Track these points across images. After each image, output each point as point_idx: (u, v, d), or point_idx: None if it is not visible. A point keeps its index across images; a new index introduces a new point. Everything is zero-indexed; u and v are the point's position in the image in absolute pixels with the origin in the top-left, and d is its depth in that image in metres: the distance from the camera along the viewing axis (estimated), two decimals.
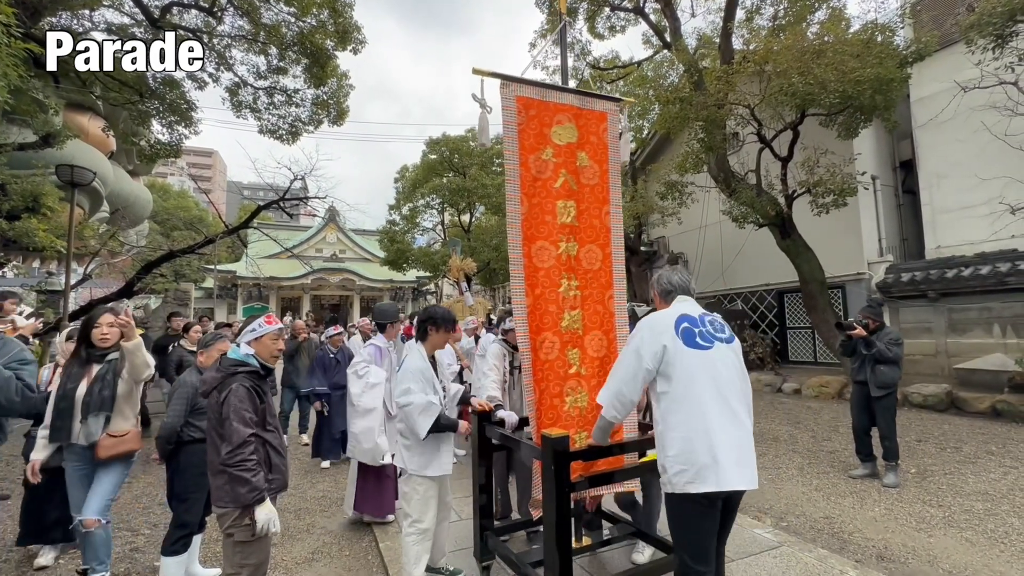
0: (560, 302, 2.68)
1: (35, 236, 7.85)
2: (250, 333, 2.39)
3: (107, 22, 8.34)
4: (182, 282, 22.13)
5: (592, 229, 2.83)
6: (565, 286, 2.70)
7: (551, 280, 2.67)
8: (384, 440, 3.84)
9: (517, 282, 2.60)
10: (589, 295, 2.79)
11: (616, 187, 2.97)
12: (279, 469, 2.34)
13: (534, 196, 2.65)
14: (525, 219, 2.62)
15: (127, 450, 2.83)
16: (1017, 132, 7.94)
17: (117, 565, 3.37)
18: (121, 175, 14.76)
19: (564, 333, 2.67)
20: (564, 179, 2.75)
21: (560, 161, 2.74)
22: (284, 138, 9.98)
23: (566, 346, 2.68)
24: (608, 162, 2.94)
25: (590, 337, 2.77)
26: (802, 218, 9.08)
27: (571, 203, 2.76)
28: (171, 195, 33.23)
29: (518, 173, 2.61)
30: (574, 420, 2.67)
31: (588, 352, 2.75)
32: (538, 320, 2.61)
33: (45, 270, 13.98)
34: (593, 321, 2.78)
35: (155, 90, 8.30)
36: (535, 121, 2.69)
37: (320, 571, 3.34)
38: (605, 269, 2.86)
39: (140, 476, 5.30)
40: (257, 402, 2.27)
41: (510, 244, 2.59)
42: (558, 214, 2.71)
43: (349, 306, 30.42)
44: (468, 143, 19.91)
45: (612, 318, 2.85)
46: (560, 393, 2.64)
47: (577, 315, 2.73)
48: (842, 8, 9.33)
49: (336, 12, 8.61)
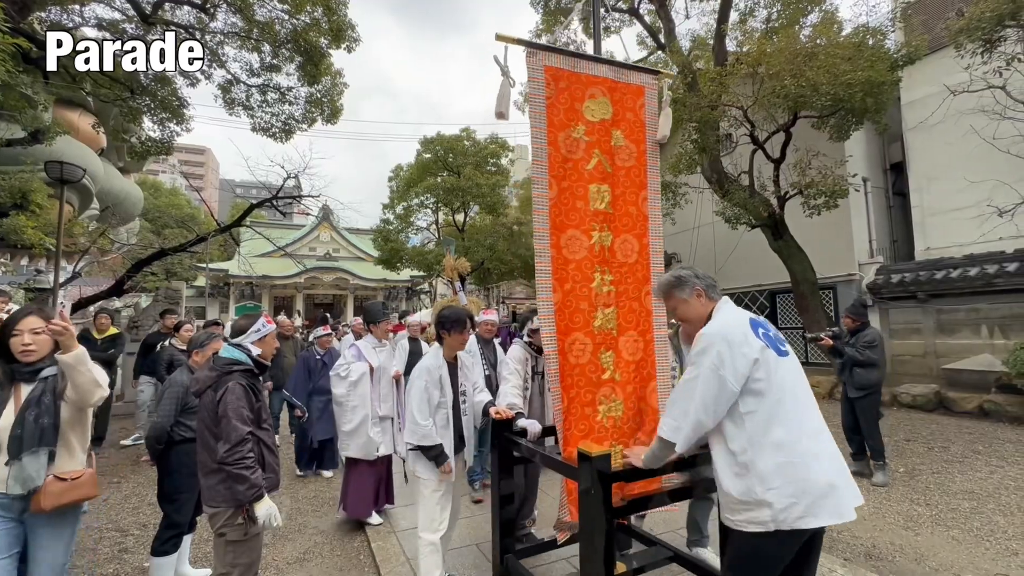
0: (592, 299, 2.37)
1: (23, 233, 7.75)
2: (255, 333, 2.40)
3: (98, 17, 8.25)
4: (173, 280, 21.89)
5: (628, 217, 2.51)
6: (598, 281, 2.39)
7: (582, 274, 2.36)
8: (376, 432, 3.86)
9: (544, 276, 2.29)
10: (624, 291, 2.47)
11: (654, 170, 2.64)
12: (272, 468, 2.35)
13: (564, 179, 2.35)
14: (554, 205, 2.31)
15: (81, 497, 2.12)
16: (1005, 136, 8.04)
17: (105, 566, 3.34)
18: (112, 172, 14.61)
19: (597, 334, 2.37)
20: (597, 160, 2.43)
21: (593, 140, 2.43)
22: (277, 136, 9.91)
23: (599, 348, 2.37)
24: (645, 142, 2.61)
25: (625, 338, 2.46)
26: (794, 219, 9.15)
27: (605, 187, 2.44)
28: (162, 192, 32.89)
29: (546, 153, 2.32)
30: (608, 432, 2.37)
31: (623, 355, 2.44)
32: (567, 319, 2.32)
33: (34, 268, 13.81)
34: (629, 320, 2.47)
35: (146, 86, 8.21)
36: (565, 94, 2.39)
37: (311, 571, 3.32)
38: (642, 262, 2.54)
39: (130, 476, 5.26)
40: (253, 400, 2.29)
41: (536, 233, 2.30)
42: (591, 199, 2.39)
43: (343, 305, 30.29)
44: (463, 142, 19.89)
45: (649, 317, 2.53)
46: (592, 401, 2.34)
47: (611, 313, 2.42)
48: (834, 11, 9.39)
49: (330, 10, 8.55)
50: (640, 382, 2.45)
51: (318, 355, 5.54)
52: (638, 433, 2.43)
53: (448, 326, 2.80)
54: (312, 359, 5.50)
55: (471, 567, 3.18)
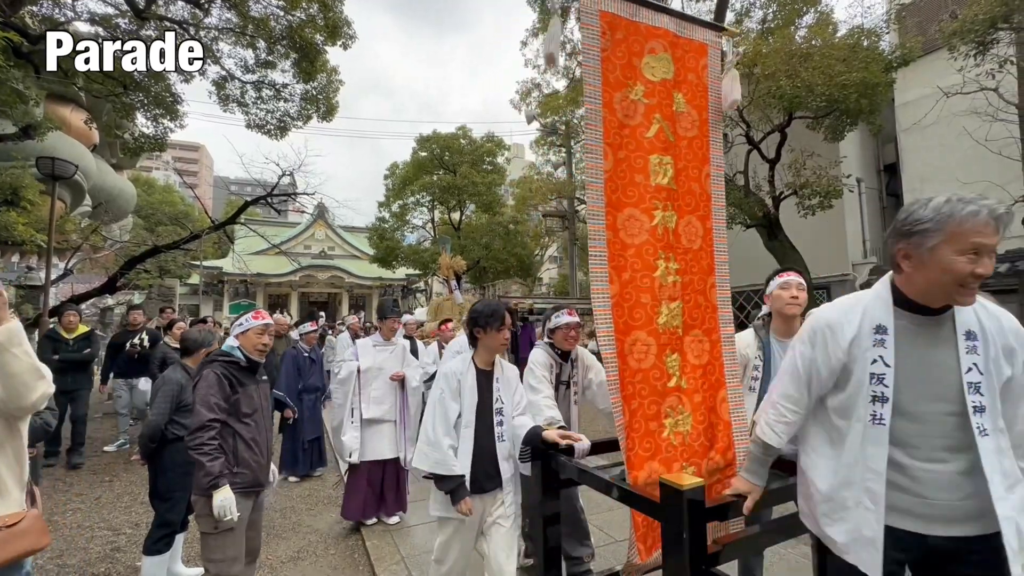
0: (656, 291, 2.00)
1: (14, 230, 7.69)
2: (237, 327, 2.41)
3: (90, 12, 8.18)
4: (167, 278, 21.79)
5: (691, 195, 2.16)
6: (662, 269, 2.01)
7: (644, 261, 1.99)
8: (350, 437, 3.71)
9: (598, 263, 1.93)
10: (689, 282, 2.11)
11: (717, 143, 2.29)
12: (248, 464, 2.28)
13: (621, 148, 2.01)
14: (610, 179, 1.97)
15: (23, 551, 1.50)
16: (997, 138, 8.11)
17: (97, 565, 3.32)
18: (104, 168, 14.49)
19: (661, 333, 2.00)
20: (659, 127, 2.08)
21: (653, 103, 2.07)
22: (272, 133, 9.85)
23: (664, 350, 2.01)
24: (708, 109, 2.27)
25: (690, 338, 2.10)
26: (789, 220, 9.20)
27: (668, 159, 2.08)
28: (156, 189, 32.67)
29: (600, 116, 1.97)
30: (676, 451, 1.99)
31: (688, 358, 2.09)
32: (627, 315, 1.96)
33: (25, 265, 13.68)
34: (694, 317, 2.12)
35: (140, 82, 8.14)
36: (622, 47, 2.04)
37: (306, 570, 3.31)
38: (706, 249, 2.19)
39: (121, 475, 5.22)
40: (227, 390, 2.25)
41: (589, 212, 1.97)
42: (651, 173, 2.04)
43: (337, 303, 30.21)
44: (459, 141, 19.87)
45: (715, 313, 2.18)
46: (657, 414, 1.96)
47: (677, 308, 2.05)
48: (830, 13, 9.44)
49: (326, 6, 8.51)
50: (709, 390, 2.10)
51: (305, 352, 5.38)
52: (710, 452, 2.07)
53: (482, 322, 2.30)
54: (300, 356, 5.32)
55: None
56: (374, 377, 3.83)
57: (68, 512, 4.21)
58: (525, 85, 14.13)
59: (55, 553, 3.46)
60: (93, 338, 5.72)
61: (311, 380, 5.27)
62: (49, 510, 4.23)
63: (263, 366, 2.53)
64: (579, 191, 14.76)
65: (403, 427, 3.88)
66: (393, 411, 3.86)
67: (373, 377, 3.83)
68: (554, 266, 33.49)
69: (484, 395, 2.30)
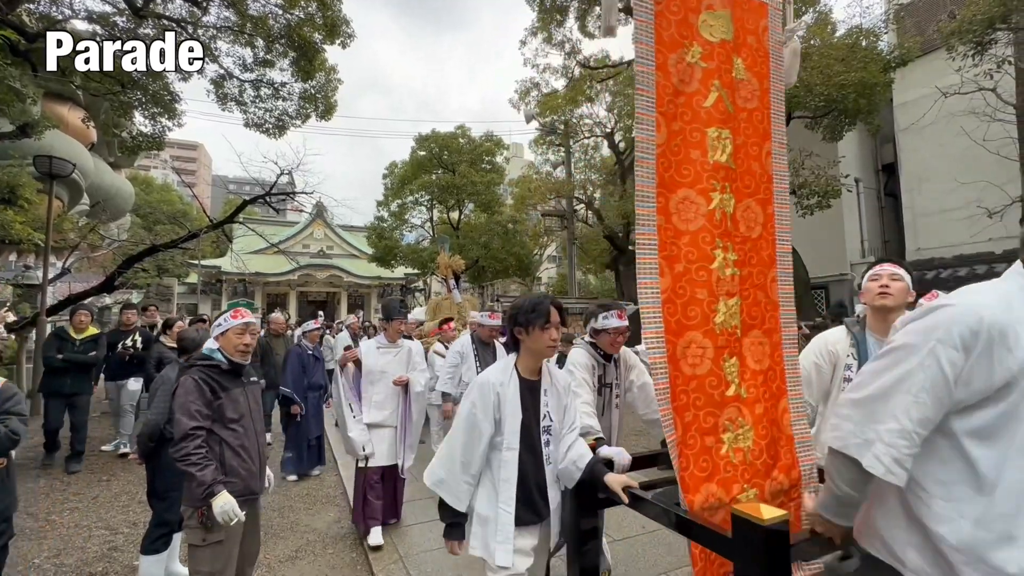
0: (713, 285, 1.72)
1: (11, 228, 7.66)
2: (216, 328, 2.32)
3: (87, 9, 8.15)
4: (165, 277, 21.75)
5: (751, 176, 1.87)
6: (720, 260, 1.74)
7: (700, 251, 1.72)
8: (359, 432, 3.53)
9: (647, 252, 1.66)
10: (748, 276, 1.83)
11: (779, 117, 2.00)
12: (237, 472, 2.19)
13: (675, 119, 1.73)
14: (662, 154, 1.70)
15: None
16: (995, 138, 8.13)
17: (95, 564, 3.31)
18: (102, 167, 14.46)
19: (719, 334, 1.73)
20: (717, 95, 1.79)
21: (712, 67, 1.79)
22: (271, 132, 9.84)
23: (721, 354, 1.73)
24: (769, 78, 1.99)
25: (750, 340, 1.82)
26: None
27: (726, 133, 1.80)
28: (154, 188, 32.63)
29: (653, 81, 1.69)
30: (737, 471, 1.71)
31: (748, 363, 1.80)
32: (680, 313, 1.69)
33: (22, 264, 13.64)
34: (753, 316, 1.84)
35: (137, 81, 8.12)
36: (678, 1, 1.78)
37: (304, 569, 3.31)
38: (767, 238, 1.90)
39: (119, 474, 5.21)
40: (208, 395, 2.18)
41: (638, 192, 1.68)
42: (709, 148, 1.76)
43: (336, 303, 30.18)
44: (458, 140, 19.87)
45: (776, 311, 1.91)
46: (715, 428, 1.70)
47: (735, 305, 1.78)
48: (828, 13, 9.45)
49: (324, 5, 8.50)
50: (770, 399, 1.82)
51: (309, 350, 5.44)
52: (773, 471, 1.79)
53: (523, 320, 1.88)
54: (305, 354, 5.36)
55: None
56: (376, 380, 3.64)
57: (65, 511, 4.20)
58: (524, 84, 14.13)
59: (52, 552, 3.46)
60: (100, 341, 5.45)
61: (315, 378, 5.31)
62: (46, 509, 4.22)
63: (256, 366, 2.48)
64: (578, 190, 14.75)
65: (404, 433, 3.71)
66: (394, 416, 3.69)
67: (375, 380, 3.64)
68: (553, 265, 33.50)
69: (529, 411, 1.88)
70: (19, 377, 8.95)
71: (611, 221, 14.02)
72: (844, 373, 2.11)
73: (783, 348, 1.90)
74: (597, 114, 14.35)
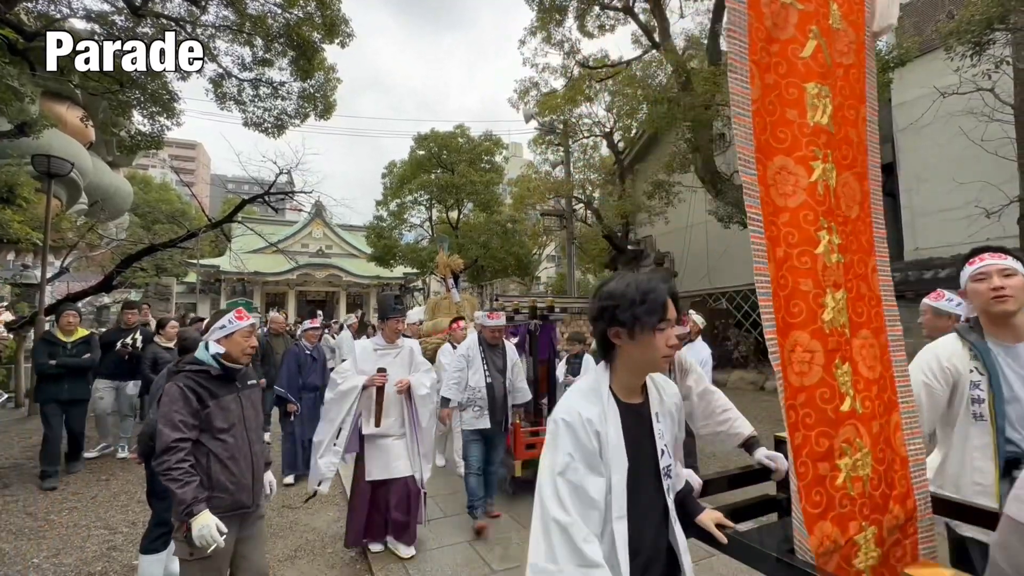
0: (819, 274, 1.41)
1: (9, 228, 7.64)
2: (220, 330, 2.15)
3: (86, 8, 8.13)
4: (164, 276, 21.70)
5: (848, 145, 1.55)
6: (825, 244, 1.43)
7: (802, 232, 1.40)
8: (326, 461, 3.15)
9: (755, 229, 1.38)
10: (851, 264, 1.52)
11: (872, 77, 1.67)
12: (224, 487, 2.04)
13: (769, 70, 1.43)
14: (757, 112, 1.41)
15: None
16: (993, 138, 8.15)
17: (94, 564, 3.31)
18: (100, 166, 14.43)
19: (828, 334, 1.40)
20: (816, 44, 1.48)
21: (810, 9, 1.49)
22: (270, 131, 9.83)
23: (832, 359, 1.40)
24: (864, 30, 1.66)
25: (860, 341, 1.51)
26: None
27: (826, 90, 1.48)
28: (153, 187, 32.54)
29: (745, 22, 1.40)
30: (855, 506, 1.39)
31: (860, 370, 1.48)
32: (784, 308, 1.39)
33: (20, 263, 13.60)
34: (859, 312, 1.52)
35: (136, 79, 8.10)
36: None
37: (303, 568, 3.31)
38: (864, 219, 1.59)
39: (118, 474, 5.21)
40: (195, 404, 2.02)
41: (739, 156, 1.38)
42: (808, 106, 1.45)
43: (335, 302, 30.16)
44: (457, 139, 19.85)
45: (879, 307, 1.59)
46: (830, 452, 1.36)
47: (842, 300, 1.46)
48: None
49: (323, 4, 8.49)
50: (883, 414, 1.51)
51: (307, 350, 5.36)
52: (890, 502, 1.48)
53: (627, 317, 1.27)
54: (302, 354, 5.29)
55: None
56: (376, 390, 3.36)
57: (64, 511, 4.20)
58: (523, 84, 14.12)
59: (51, 552, 3.46)
60: (93, 342, 5.16)
61: (311, 379, 5.23)
62: (45, 509, 4.22)
63: (257, 366, 2.39)
64: (577, 190, 14.75)
65: (415, 442, 3.41)
66: (398, 424, 3.37)
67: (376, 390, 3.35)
68: (552, 265, 33.49)
69: (640, 453, 1.28)
70: (17, 377, 8.95)
71: (610, 221, 14.03)
72: (971, 393, 1.76)
73: (891, 351, 1.59)
74: (596, 114, 14.35)
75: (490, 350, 4.02)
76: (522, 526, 3.82)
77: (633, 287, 1.27)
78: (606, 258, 16.98)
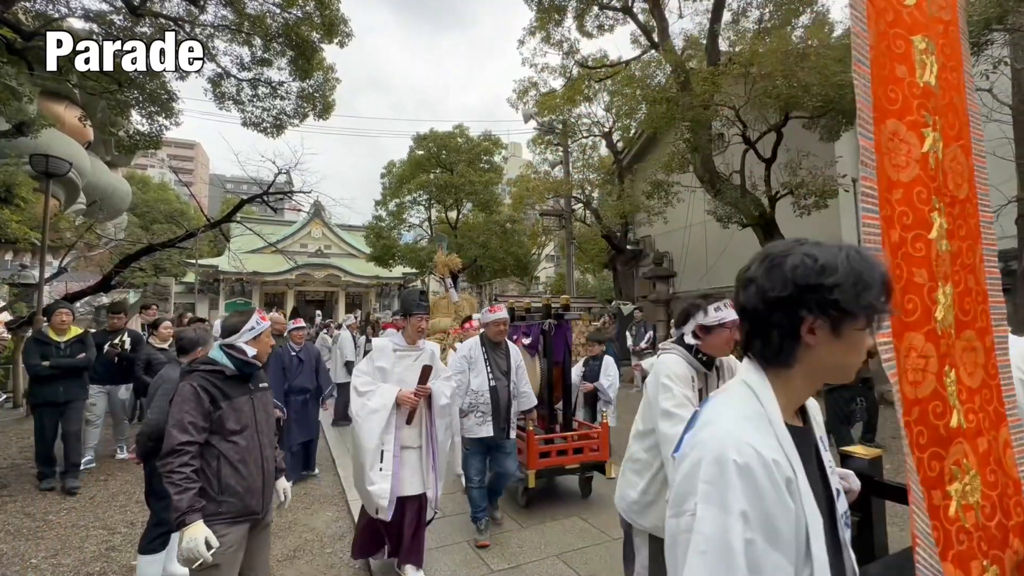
0: (932, 263, 1.18)
1: (8, 227, 7.64)
2: (249, 332, 2.15)
3: (84, 8, 8.12)
4: (162, 276, 21.68)
5: (953, 112, 1.33)
6: (938, 228, 1.21)
7: (916, 212, 1.17)
8: (379, 488, 2.81)
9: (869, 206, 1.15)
10: (959, 252, 1.29)
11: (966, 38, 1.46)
12: (233, 491, 1.97)
13: (880, 16, 1.22)
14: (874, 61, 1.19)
15: None
16: (991, 138, 8.15)
17: (92, 564, 3.31)
18: (99, 166, 14.42)
19: (940, 336, 1.18)
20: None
21: None
22: (268, 131, 9.82)
23: (943, 366, 1.19)
24: None
25: (962, 344, 1.28)
26: (785, 219, 9.24)
27: (932, 46, 1.27)
28: (151, 187, 32.56)
29: None
30: (972, 539, 1.16)
31: (962, 377, 1.26)
32: (899, 304, 1.16)
33: (18, 263, 13.59)
34: (965, 310, 1.29)
35: (134, 79, 8.09)
36: None
37: (302, 568, 3.31)
38: (972, 200, 1.35)
39: (117, 474, 5.20)
40: (208, 405, 1.98)
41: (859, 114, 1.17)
42: (916, 63, 1.23)
43: (334, 302, 30.14)
44: (456, 139, 19.87)
45: (986, 303, 1.34)
46: (940, 477, 1.15)
47: (951, 295, 1.25)
48: (826, 13, 9.48)
49: (322, 4, 8.48)
50: (990, 429, 1.29)
51: (293, 351, 5.06)
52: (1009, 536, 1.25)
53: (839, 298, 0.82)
54: (287, 355, 4.98)
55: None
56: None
57: (63, 511, 4.19)
58: (522, 84, 14.12)
59: (50, 552, 3.45)
60: (88, 341, 4.92)
61: (297, 381, 4.97)
62: (43, 509, 4.21)
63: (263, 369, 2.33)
64: (576, 190, 14.76)
65: (430, 456, 3.07)
66: (416, 435, 3.05)
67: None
68: (551, 265, 33.50)
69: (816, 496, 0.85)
70: (15, 377, 8.93)
71: (609, 220, 14.04)
72: None
73: (996, 355, 1.33)
74: (595, 114, 14.35)
75: (493, 351, 3.77)
76: (521, 527, 3.81)
77: (858, 260, 0.85)
78: (605, 258, 16.99)
